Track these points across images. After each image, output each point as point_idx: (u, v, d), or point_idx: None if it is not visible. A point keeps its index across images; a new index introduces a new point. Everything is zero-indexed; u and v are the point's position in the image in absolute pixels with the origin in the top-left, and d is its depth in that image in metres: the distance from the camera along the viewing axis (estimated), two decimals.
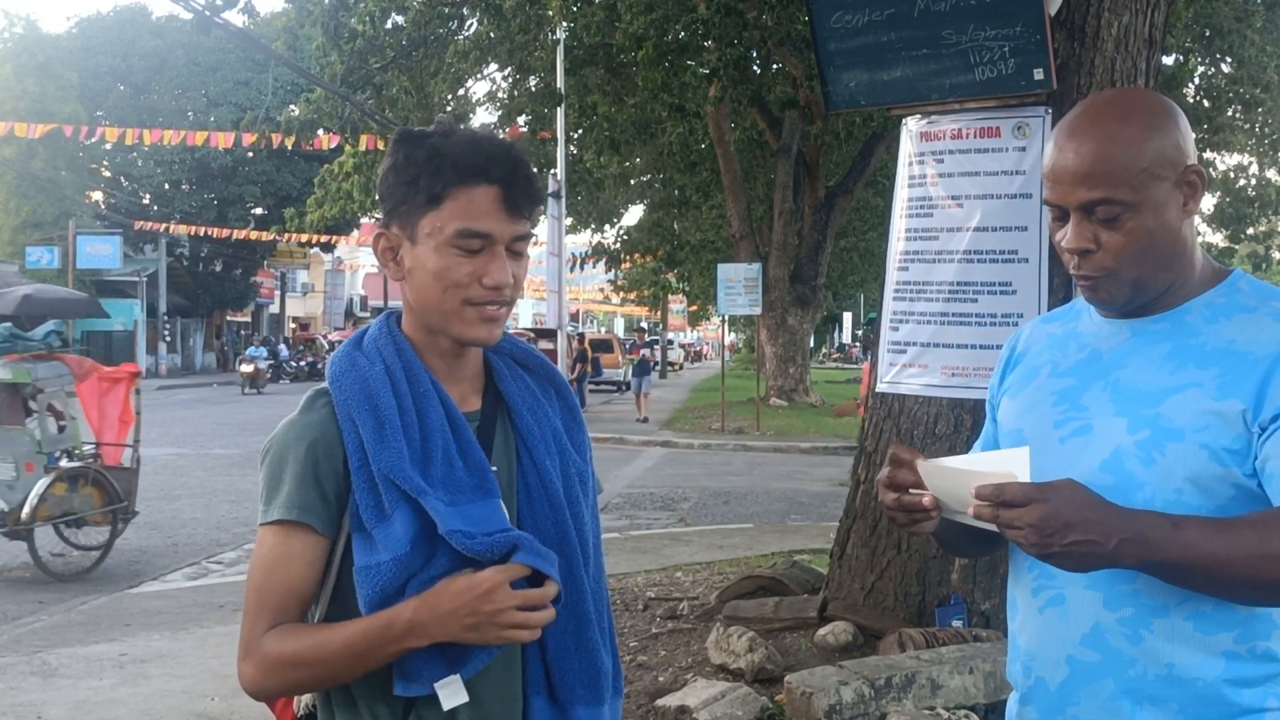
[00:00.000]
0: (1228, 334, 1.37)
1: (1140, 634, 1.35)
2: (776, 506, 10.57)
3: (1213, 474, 1.31)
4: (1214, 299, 1.42)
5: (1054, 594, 1.42)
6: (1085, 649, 1.38)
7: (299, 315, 52.24)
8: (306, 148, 17.25)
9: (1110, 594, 1.36)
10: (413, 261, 1.42)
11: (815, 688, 3.66)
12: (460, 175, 1.37)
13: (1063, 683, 1.41)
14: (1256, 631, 1.33)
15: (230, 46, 34.03)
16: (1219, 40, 14.01)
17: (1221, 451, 1.31)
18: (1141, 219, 1.35)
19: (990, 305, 3.85)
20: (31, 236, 32.77)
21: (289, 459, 1.40)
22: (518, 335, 1.68)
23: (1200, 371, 1.35)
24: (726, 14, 11.80)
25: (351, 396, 1.41)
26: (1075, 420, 1.43)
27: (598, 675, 1.48)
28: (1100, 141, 1.36)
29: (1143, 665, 1.35)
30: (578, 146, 20.28)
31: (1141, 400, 1.38)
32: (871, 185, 21.49)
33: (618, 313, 76.60)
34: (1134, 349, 1.43)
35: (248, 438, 16.49)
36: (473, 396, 1.50)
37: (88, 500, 7.50)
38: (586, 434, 1.61)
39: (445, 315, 1.41)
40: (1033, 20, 3.72)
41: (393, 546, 1.35)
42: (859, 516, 4.66)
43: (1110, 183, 1.34)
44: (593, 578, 1.51)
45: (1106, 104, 1.41)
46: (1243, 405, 1.31)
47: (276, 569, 1.38)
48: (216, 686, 4.88)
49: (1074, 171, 1.36)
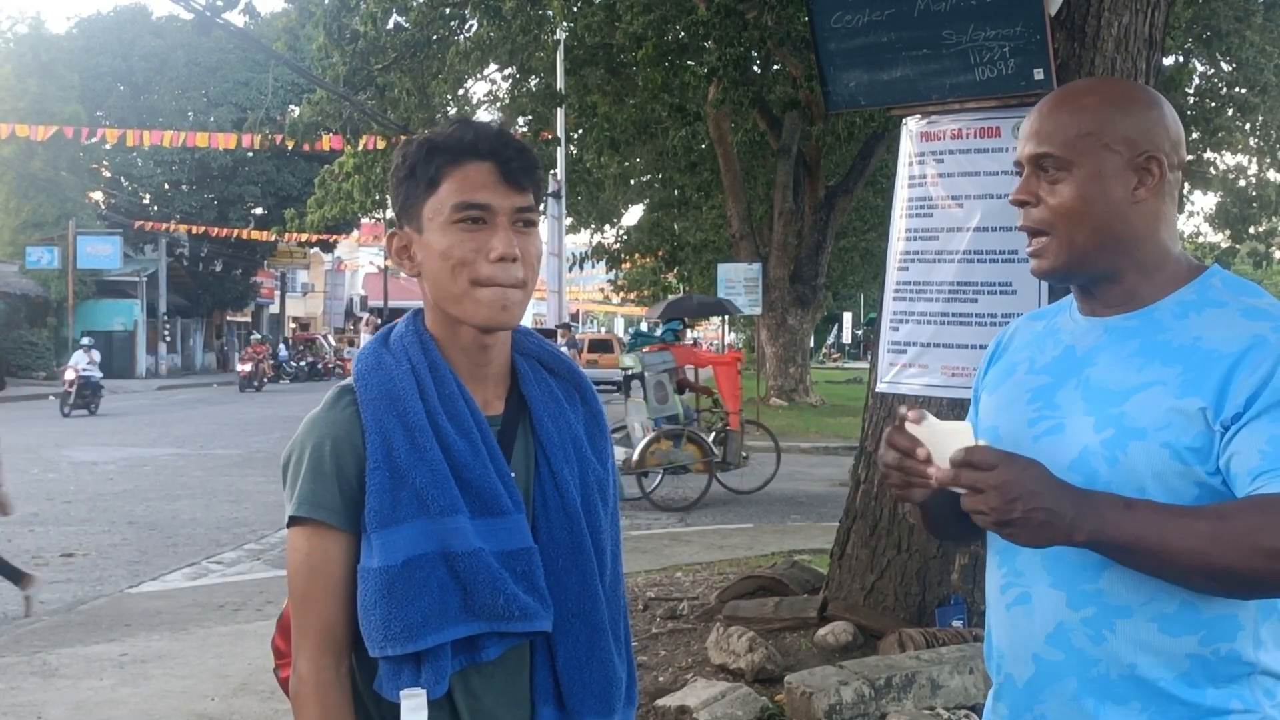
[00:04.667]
0: (1195, 330, 1.37)
1: (1103, 634, 1.35)
2: (776, 506, 10.57)
3: (1175, 472, 1.31)
4: (1185, 295, 1.41)
5: (1020, 592, 1.42)
6: (1050, 647, 1.39)
7: (299, 315, 52.22)
8: (308, 149, 17.26)
9: (1074, 593, 1.36)
10: (423, 250, 1.43)
11: (815, 688, 3.66)
12: (452, 155, 1.40)
13: (1029, 680, 1.42)
14: (1221, 634, 1.33)
15: (231, 47, 34.00)
16: (1218, 41, 14.01)
17: (1183, 450, 1.31)
18: (1078, 183, 1.40)
19: (990, 305, 3.85)
20: (32, 236, 32.78)
21: (315, 456, 1.39)
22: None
23: (1165, 369, 1.35)
24: (726, 14, 11.81)
25: (377, 397, 1.40)
26: (1049, 419, 1.43)
27: (609, 685, 1.47)
28: (1055, 104, 1.44)
29: (1105, 665, 1.35)
30: (578, 146, 20.30)
31: (1108, 399, 1.38)
32: (871, 185, 21.49)
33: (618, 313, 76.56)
34: (1103, 346, 1.43)
35: (248, 438, 16.49)
36: (495, 400, 1.49)
37: (689, 454, 10.39)
38: (609, 440, 1.60)
39: (458, 300, 1.41)
40: (1033, 20, 3.72)
41: (387, 556, 1.35)
42: (859, 516, 4.66)
43: (1052, 141, 1.41)
44: (609, 586, 1.50)
45: (1085, 82, 1.53)
46: (1203, 403, 1.30)
47: (317, 580, 1.39)
48: (216, 686, 4.88)
49: (1027, 129, 1.45)
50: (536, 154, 1.50)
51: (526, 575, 1.40)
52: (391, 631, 1.34)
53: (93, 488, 11.07)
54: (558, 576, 1.44)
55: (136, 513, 9.65)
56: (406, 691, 1.34)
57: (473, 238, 1.39)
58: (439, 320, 1.46)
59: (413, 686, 1.34)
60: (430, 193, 1.41)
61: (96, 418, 19.88)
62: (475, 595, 1.37)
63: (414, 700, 1.33)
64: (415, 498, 1.36)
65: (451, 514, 1.36)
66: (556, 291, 18.85)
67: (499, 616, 1.38)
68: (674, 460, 10.43)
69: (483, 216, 1.40)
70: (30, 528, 8.78)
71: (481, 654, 1.39)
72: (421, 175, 1.41)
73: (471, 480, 1.39)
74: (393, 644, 1.34)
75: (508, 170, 1.41)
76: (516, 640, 1.42)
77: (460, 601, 1.37)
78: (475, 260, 1.39)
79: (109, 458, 13.67)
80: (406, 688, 1.34)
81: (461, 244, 1.39)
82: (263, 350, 31.83)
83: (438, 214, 1.40)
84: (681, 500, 10.45)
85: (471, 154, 1.40)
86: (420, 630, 1.34)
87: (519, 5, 12.40)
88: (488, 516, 1.39)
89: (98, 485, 11.25)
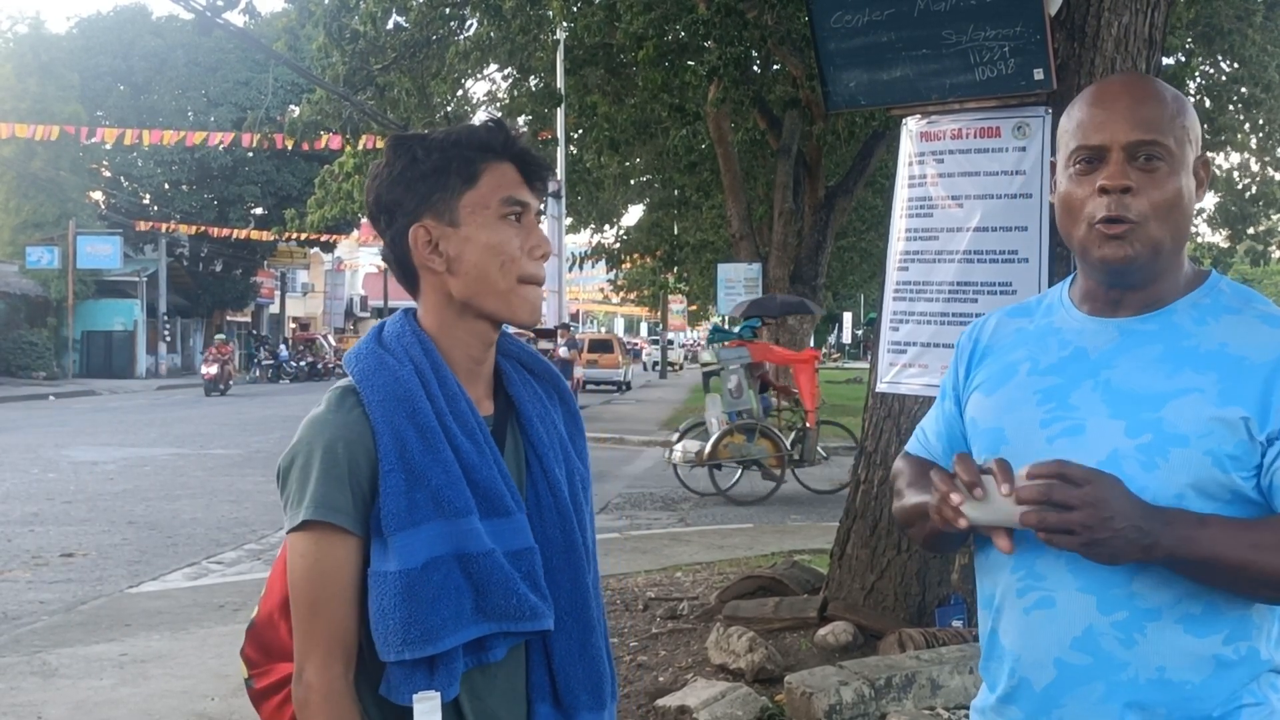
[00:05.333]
0: (1218, 336, 1.37)
1: (1134, 637, 1.34)
2: (777, 506, 10.57)
3: (1215, 480, 1.32)
4: (1199, 299, 1.42)
5: (1042, 595, 1.40)
6: (1076, 652, 1.37)
7: (299, 315, 52.22)
8: (308, 148, 17.26)
9: (1105, 597, 1.35)
10: (459, 245, 1.43)
11: (815, 688, 3.66)
12: (487, 153, 1.43)
13: (1049, 685, 1.40)
14: (1241, 633, 1.34)
15: (230, 46, 34.03)
16: (1219, 40, 13.99)
17: (1225, 458, 1.31)
18: (1177, 176, 1.37)
19: (990, 305, 3.84)
20: (32, 236, 32.77)
21: (325, 458, 1.36)
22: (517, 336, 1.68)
23: (1198, 376, 1.35)
24: (726, 14, 11.79)
25: (386, 399, 1.39)
26: (1064, 420, 1.41)
27: (600, 680, 1.48)
28: (1143, 96, 1.39)
29: (1134, 669, 1.34)
30: (578, 146, 20.28)
31: (1140, 403, 1.37)
32: (871, 185, 21.45)
33: (618, 313, 76.57)
34: (1123, 349, 1.42)
35: (248, 438, 16.48)
36: (485, 401, 1.50)
37: (763, 449, 10.52)
38: (585, 438, 1.61)
39: (504, 296, 1.43)
40: (1033, 20, 3.72)
41: (406, 559, 1.34)
42: (859, 516, 4.66)
43: (1160, 129, 1.36)
44: (593, 582, 1.52)
45: (1131, 76, 1.48)
46: (1245, 413, 1.31)
47: (327, 583, 1.36)
48: (216, 686, 4.88)
49: (1125, 114, 1.37)
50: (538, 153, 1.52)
51: (530, 575, 1.41)
52: (411, 635, 1.33)
53: (93, 488, 11.06)
54: (553, 575, 1.45)
55: (136, 513, 9.65)
56: (420, 695, 1.33)
57: (519, 234, 1.43)
58: (446, 319, 1.46)
59: (426, 689, 1.34)
60: (468, 187, 1.42)
61: (95, 416, 19.89)
62: (488, 596, 1.37)
63: (428, 703, 1.33)
64: (431, 499, 1.36)
65: (466, 515, 1.36)
66: (556, 291, 18.84)
67: (509, 617, 1.38)
68: (747, 454, 10.58)
69: (522, 214, 1.44)
70: (30, 528, 8.79)
71: (489, 654, 1.39)
72: (458, 169, 1.42)
73: (479, 481, 1.39)
74: (411, 648, 1.33)
75: (531, 172, 1.46)
76: (520, 640, 1.43)
77: (473, 603, 1.37)
78: (521, 258, 1.43)
79: (109, 458, 13.67)
80: (420, 691, 1.34)
81: (511, 239, 1.42)
82: (227, 350, 29.15)
83: (481, 208, 1.42)
84: (753, 495, 10.61)
85: (504, 153, 1.44)
86: (439, 633, 1.34)
87: (519, 5, 12.38)
88: (495, 517, 1.39)
89: (98, 485, 11.25)
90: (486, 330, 1.46)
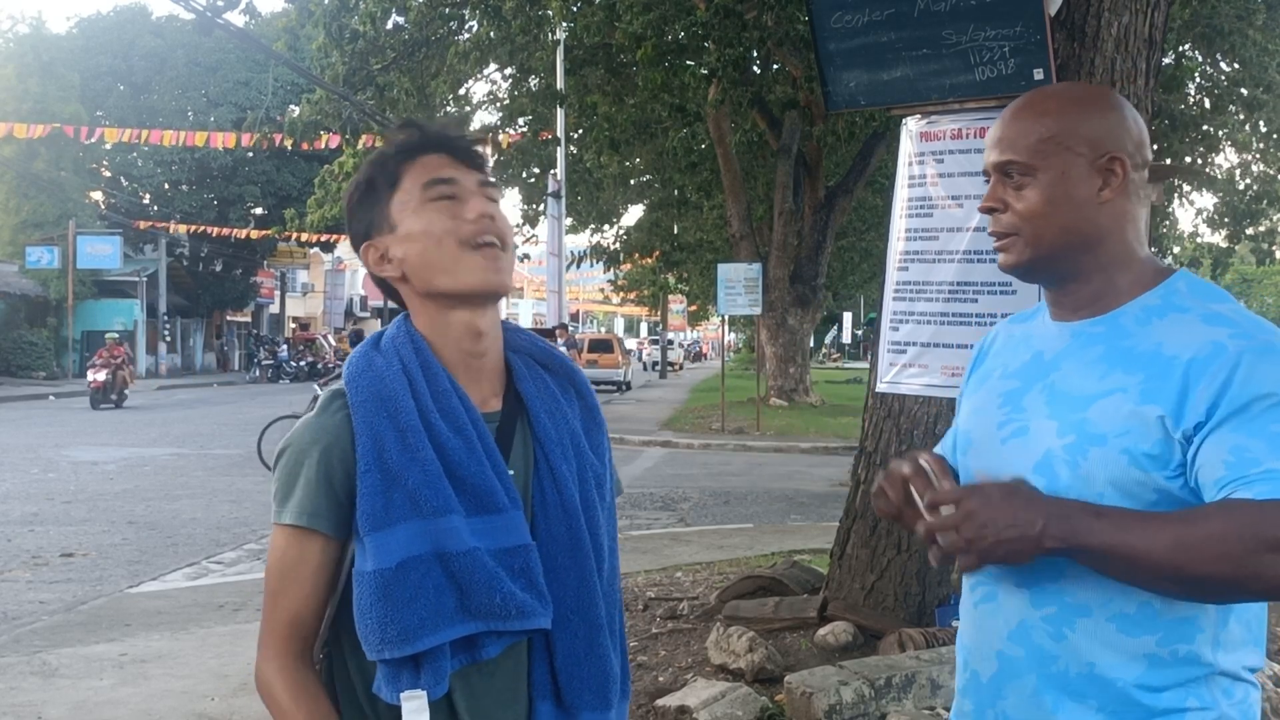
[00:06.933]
0: (1156, 336, 1.37)
1: (1063, 631, 1.37)
2: (776, 506, 10.57)
3: (1133, 479, 1.32)
4: (1149, 300, 1.41)
5: (987, 590, 1.46)
6: (1012, 644, 1.42)
7: (299, 315, 52.21)
8: (308, 148, 17.27)
9: (1036, 592, 1.39)
10: (401, 245, 1.45)
11: (815, 688, 3.66)
12: (406, 153, 1.47)
13: (993, 676, 1.45)
14: (1179, 635, 1.34)
15: (230, 47, 34.01)
16: (1219, 40, 13.99)
17: (1141, 456, 1.31)
18: (1042, 186, 1.41)
19: (990, 305, 3.84)
20: (32, 236, 32.79)
21: (303, 463, 1.40)
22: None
23: (1126, 376, 1.36)
24: (726, 15, 11.80)
25: (368, 400, 1.40)
26: (1015, 422, 1.45)
27: (606, 680, 1.47)
28: (1016, 112, 1.46)
29: (1064, 662, 1.37)
30: (578, 146, 20.30)
31: (1072, 404, 1.39)
32: (871, 185, 21.48)
33: (617, 313, 76.63)
34: (1070, 351, 1.44)
35: (248, 438, 16.43)
36: (493, 398, 1.49)
37: None
38: (606, 435, 1.59)
39: (450, 269, 1.43)
40: (1033, 20, 3.72)
41: (380, 559, 1.35)
42: (859, 516, 4.66)
43: (1015, 148, 1.43)
44: (606, 581, 1.50)
45: (1045, 88, 1.53)
46: (1162, 411, 1.31)
47: (290, 578, 1.41)
48: (216, 686, 4.88)
49: (991, 137, 1.47)
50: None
51: (524, 572, 1.40)
52: (389, 634, 1.34)
53: (93, 488, 11.06)
54: (556, 573, 1.44)
55: (136, 513, 9.65)
56: (407, 694, 1.33)
57: (449, 209, 1.44)
58: (430, 317, 1.47)
59: (412, 688, 1.34)
60: (393, 191, 1.46)
61: (95, 415, 19.89)
62: (471, 595, 1.37)
63: (415, 702, 1.33)
64: (408, 499, 1.36)
65: (445, 514, 1.36)
66: (556, 291, 18.83)
67: (496, 615, 1.38)
68: None
69: (453, 192, 1.44)
70: (30, 528, 8.79)
71: (481, 652, 1.39)
72: (381, 181, 1.46)
73: (466, 478, 1.39)
74: (390, 647, 1.34)
75: (460, 153, 1.47)
76: (516, 638, 1.42)
77: (457, 601, 1.37)
78: (456, 224, 1.43)
79: (109, 458, 13.68)
80: (406, 690, 1.34)
81: (440, 217, 1.43)
82: (120, 352, 22.82)
83: (407, 203, 1.45)
84: None
85: (422, 150, 1.47)
86: (417, 632, 1.34)
87: (519, 5, 12.40)
88: (483, 514, 1.38)
89: (98, 485, 11.25)
90: (467, 317, 1.46)
